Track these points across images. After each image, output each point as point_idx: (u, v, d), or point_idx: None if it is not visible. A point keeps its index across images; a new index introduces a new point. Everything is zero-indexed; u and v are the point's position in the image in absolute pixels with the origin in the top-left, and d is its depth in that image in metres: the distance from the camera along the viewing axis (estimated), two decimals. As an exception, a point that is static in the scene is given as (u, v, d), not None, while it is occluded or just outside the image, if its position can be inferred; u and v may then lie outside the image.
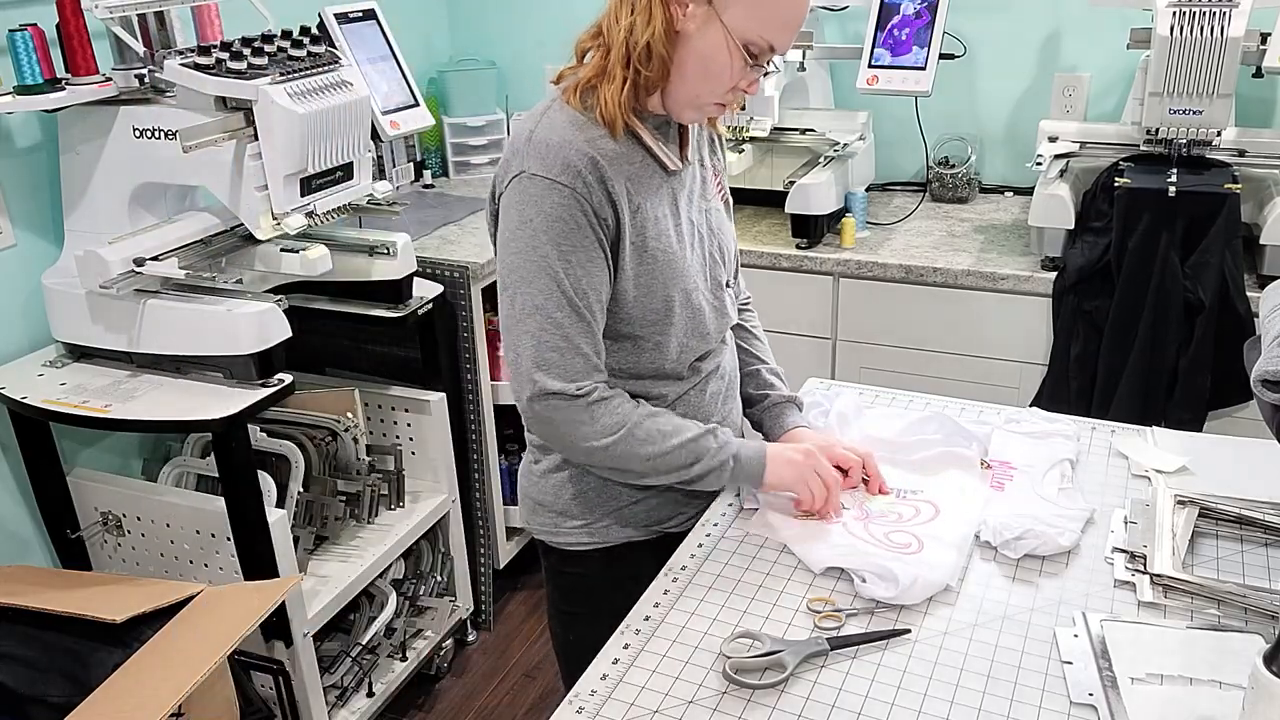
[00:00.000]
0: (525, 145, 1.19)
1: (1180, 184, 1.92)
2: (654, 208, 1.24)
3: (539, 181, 1.17)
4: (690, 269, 1.29)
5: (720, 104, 1.24)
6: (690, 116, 1.26)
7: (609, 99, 1.19)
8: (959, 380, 2.18)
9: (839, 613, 1.13)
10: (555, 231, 1.17)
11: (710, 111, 1.25)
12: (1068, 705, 0.99)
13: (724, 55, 1.17)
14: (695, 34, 1.17)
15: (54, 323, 1.89)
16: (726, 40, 1.16)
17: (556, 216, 1.17)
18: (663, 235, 1.25)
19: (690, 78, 1.20)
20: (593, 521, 1.36)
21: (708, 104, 1.23)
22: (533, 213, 1.17)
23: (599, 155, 1.18)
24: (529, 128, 1.21)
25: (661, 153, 1.25)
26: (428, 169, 2.94)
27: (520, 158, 1.19)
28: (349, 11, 2.13)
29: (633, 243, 1.22)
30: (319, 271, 1.86)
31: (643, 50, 1.17)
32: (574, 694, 1.04)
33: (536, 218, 1.17)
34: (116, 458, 2.14)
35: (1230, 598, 1.11)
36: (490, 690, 2.41)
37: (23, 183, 1.93)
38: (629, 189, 1.21)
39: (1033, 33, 2.51)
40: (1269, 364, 1.10)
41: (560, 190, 1.16)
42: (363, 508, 2.15)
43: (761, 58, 1.19)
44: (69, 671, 1.61)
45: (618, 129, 1.20)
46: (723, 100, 1.23)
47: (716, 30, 1.16)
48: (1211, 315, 1.92)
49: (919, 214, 2.48)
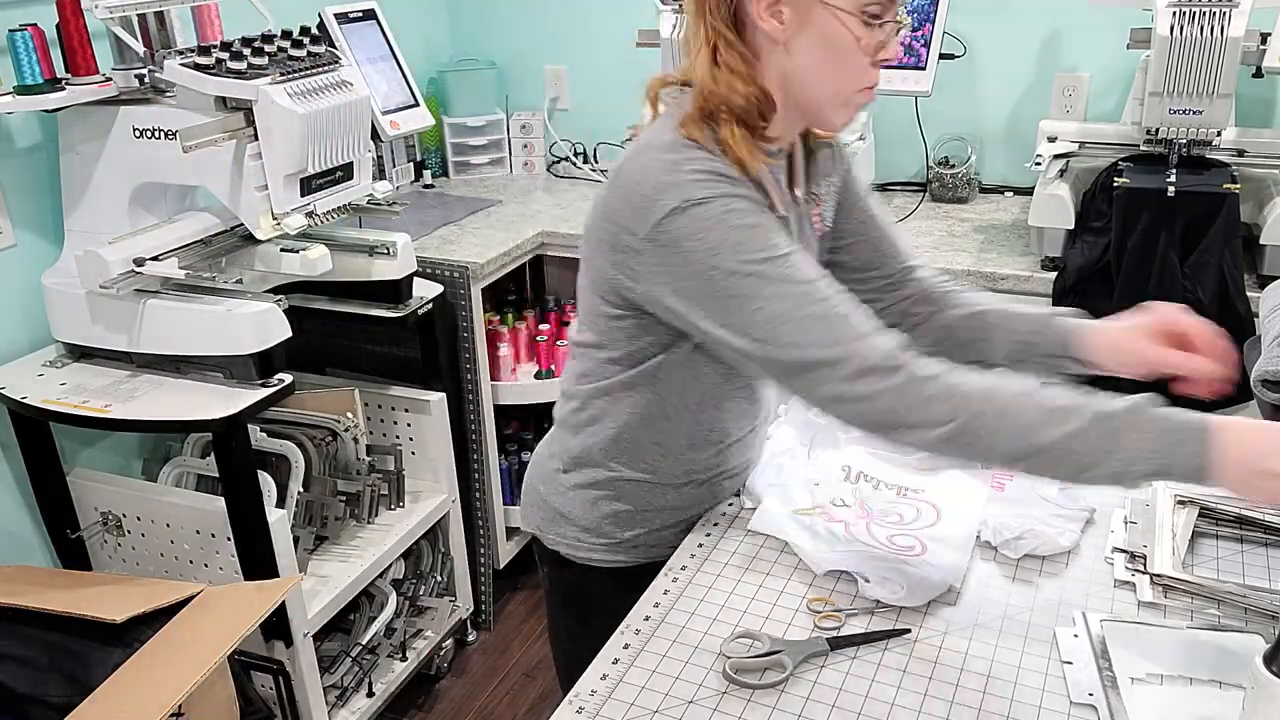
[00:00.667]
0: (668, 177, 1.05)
1: (1179, 184, 1.92)
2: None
3: (710, 205, 1.04)
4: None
5: (868, 87, 1.10)
6: (843, 116, 1.14)
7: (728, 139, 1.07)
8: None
9: (839, 613, 1.13)
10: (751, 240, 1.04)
11: (860, 100, 1.12)
12: (1068, 705, 0.99)
13: (844, 32, 1.05)
14: (802, 31, 1.06)
15: (54, 323, 1.89)
16: (837, 15, 1.04)
17: (742, 224, 1.04)
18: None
19: (820, 76, 1.08)
20: (621, 542, 1.31)
21: (853, 93, 1.10)
22: (716, 239, 1.03)
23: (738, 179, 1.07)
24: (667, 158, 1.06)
25: (776, 197, 1.14)
26: (428, 169, 2.94)
27: (668, 193, 1.04)
28: (349, 11, 2.13)
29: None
30: (319, 271, 1.86)
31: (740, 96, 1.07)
32: (574, 694, 1.04)
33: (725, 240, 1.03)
34: (116, 458, 2.14)
35: (1230, 598, 1.11)
36: (490, 690, 2.41)
37: (23, 183, 1.93)
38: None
39: (1033, 33, 2.51)
40: (1269, 364, 1.10)
41: (729, 200, 1.04)
42: (363, 508, 2.15)
43: (885, 13, 1.05)
44: (69, 671, 1.61)
45: (751, 169, 1.08)
46: (868, 82, 1.10)
47: (821, 13, 1.04)
48: (1211, 315, 1.91)
49: (919, 214, 2.48)
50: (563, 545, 1.34)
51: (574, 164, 2.96)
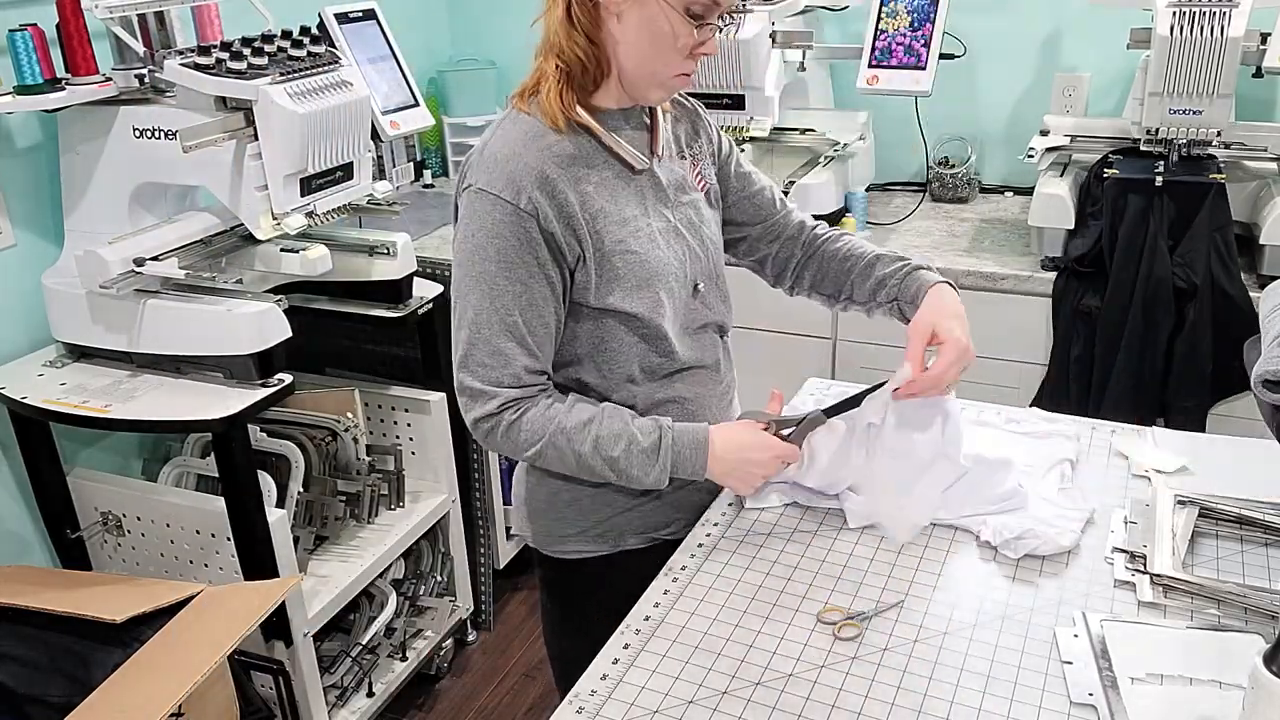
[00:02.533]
0: (478, 158, 1.20)
1: (1167, 174, 1.95)
2: (619, 209, 1.22)
3: (485, 197, 1.17)
4: (667, 269, 1.26)
5: (683, 74, 1.20)
6: (657, 95, 1.24)
7: (548, 98, 1.19)
8: (959, 380, 2.18)
9: (853, 619, 1.12)
10: (495, 248, 1.17)
11: (675, 85, 1.22)
12: (1068, 705, 0.99)
13: (665, 23, 1.15)
14: (630, 9, 1.15)
15: (54, 323, 1.89)
16: (662, 6, 1.14)
17: (498, 234, 1.17)
18: (631, 237, 1.23)
19: (639, 55, 1.18)
20: (587, 529, 1.35)
21: (668, 77, 1.20)
22: (476, 228, 1.18)
23: (551, 167, 1.18)
24: (484, 139, 1.22)
25: (624, 151, 1.23)
26: (428, 169, 2.94)
27: (473, 170, 1.20)
28: (349, 11, 2.13)
29: (596, 249, 1.20)
30: (319, 271, 1.86)
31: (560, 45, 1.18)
32: (574, 694, 1.04)
33: (479, 233, 1.18)
34: (116, 458, 2.14)
35: (1230, 598, 1.11)
36: (490, 690, 2.41)
37: (23, 183, 1.93)
38: (588, 196, 1.20)
39: (1033, 33, 2.51)
40: (1269, 364, 1.10)
41: (503, 207, 1.16)
42: (363, 508, 2.15)
43: (708, 15, 1.16)
44: (69, 671, 1.61)
45: (560, 125, 1.19)
46: (683, 70, 1.20)
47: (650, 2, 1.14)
48: (1204, 301, 1.93)
49: (919, 214, 2.48)
50: (540, 542, 1.39)
51: (574, 164, 2.95)
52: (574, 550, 1.36)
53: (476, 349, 1.20)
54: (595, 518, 1.34)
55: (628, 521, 1.35)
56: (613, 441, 1.21)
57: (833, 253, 1.43)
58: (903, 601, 1.15)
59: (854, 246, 1.43)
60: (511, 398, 1.21)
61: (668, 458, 1.22)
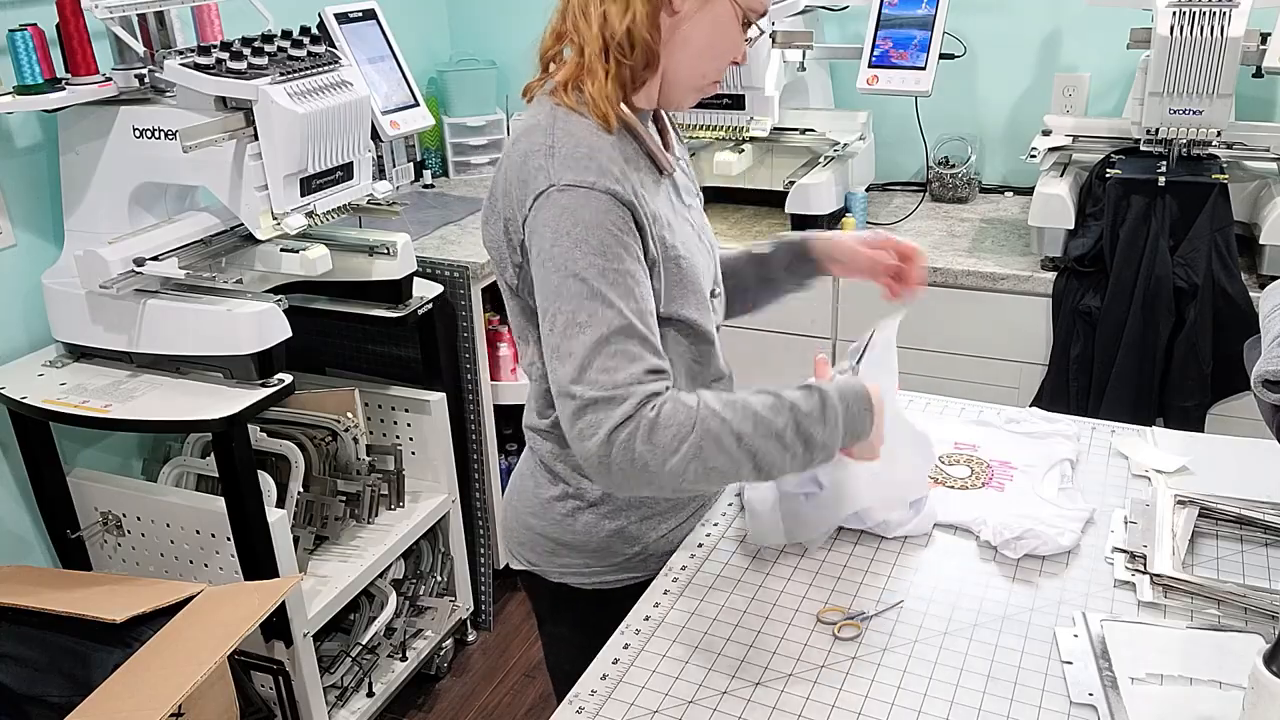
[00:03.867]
0: (547, 159, 1.08)
1: (1169, 174, 1.95)
2: (664, 212, 1.16)
3: (577, 191, 1.06)
4: (706, 273, 1.23)
5: (717, 80, 1.19)
6: (690, 100, 1.20)
7: (595, 95, 1.11)
8: (959, 380, 2.18)
9: (853, 619, 1.12)
10: (598, 240, 1.05)
11: (708, 90, 1.19)
12: (1068, 705, 0.99)
13: (732, 28, 1.14)
14: (697, 11, 1.12)
15: (54, 323, 1.89)
16: (734, 11, 1.13)
17: (598, 224, 1.06)
18: (680, 242, 1.17)
19: (694, 57, 1.15)
20: (630, 558, 1.29)
21: (708, 83, 1.18)
22: (571, 223, 1.05)
23: (622, 163, 1.11)
24: (545, 141, 1.10)
25: (659, 153, 1.18)
26: (428, 169, 2.94)
27: (544, 173, 1.08)
28: (349, 11, 2.13)
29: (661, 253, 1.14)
30: (319, 271, 1.86)
31: (623, 39, 1.10)
32: (574, 694, 1.04)
33: (576, 228, 1.05)
34: (116, 458, 2.14)
35: (1230, 598, 1.11)
36: (490, 690, 2.41)
37: (23, 183, 1.93)
38: (644, 198, 1.12)
39: (1033, 33, 2.51)
40: (1269, 364, 1.10)
41: (600, 197, 1.06)
42: (363, 508, 2.15)
43: (758, 21, 1.17)
44: (69, 671, 1.61)
45: (612, 123, 1.11)
46: (720, 76, 1.19)
47: (722, 4, 1.12)
48: (1204, 302, 1.93)
49: (919, 214, 2.48)
50: (570, 576, 1.31)
51: (574, 164, 2.96)
52: (610, 580, 1.30)
53: (595, 356, 1.04)
54: (636, 546, 1.29)
55: (659, 546, 1.30)
56: (774, 412, 1.05)
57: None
58: (903, 601, 1.15)
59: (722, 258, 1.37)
60: (646, 394, 1.04)
61: (836, 413, 1.07)
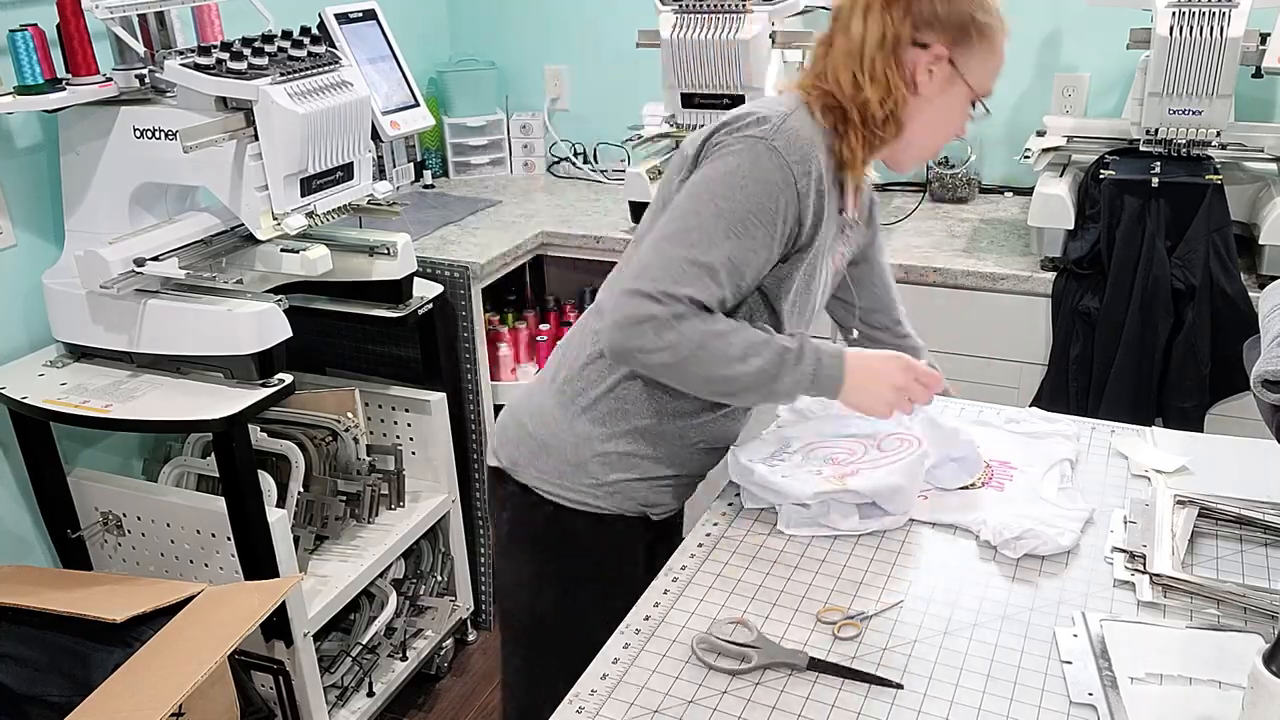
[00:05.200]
0: (779, 121, 1.22)
1: (1163, 175, 1.94)
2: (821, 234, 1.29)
3: (776, 155, 1.20)
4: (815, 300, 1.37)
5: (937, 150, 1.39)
6: (916, 165, 1.39)
7: (855, 149, 1.26)
8: (959, 380, 2.17)
9: (853, 619, 1.12)
10: (758, 195, 1.19)
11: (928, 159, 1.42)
12: (1068, 705, 0.99)
13: (964, 108, 1.29)
14: (939, 94, 1.26)
15: (54, 323, 1.89)
16: (969, 95, 1.28)
17: (769, 188, 1.20)
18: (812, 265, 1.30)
19: (929, 133, 1.30)
20: (601, 484, 1.36)
21: (935, 151, 1.38)
22: (750, 169, 1.20)
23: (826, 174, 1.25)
24: (783, 109, 1.24)
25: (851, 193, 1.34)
26: (428, 169, 2.94)
27: (768, 126, 1.21)
28: (349, 11, 2.13)
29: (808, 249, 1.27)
30: (319, 271, 1.86)
31: (883, 119, 1.25)
32: (574, 694, 1.04)
33: (750, 175, 1.19)
34: (117, 458, 2.14)
35: (1230, 598, 1.11)
36: (490, 690, 2.41)
37: (23, 183, 1.93)
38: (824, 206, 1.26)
39: (1033, 33, 2.51)
40: (1268, 364, 1.10)
41: (786, 173, 1.20)
42: (363, 508, 2.15)
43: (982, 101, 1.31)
44: (69, 671, 1.61)
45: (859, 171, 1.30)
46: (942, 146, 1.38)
47: (959, 88, 1.27)
48: (1202, 302, 1.93)
49: (919, 214, 2.48)
50: (541, 481, 1.38)
51: (574, 164, 2.96)
52: (574, 500, 1.37)
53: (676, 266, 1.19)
54: (614, 475, 1.35)
55: (633, 490, 1.36)
56: (761, 345, 1.22)
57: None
58: (902, 601, 1.15)
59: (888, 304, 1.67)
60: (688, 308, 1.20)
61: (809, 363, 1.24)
